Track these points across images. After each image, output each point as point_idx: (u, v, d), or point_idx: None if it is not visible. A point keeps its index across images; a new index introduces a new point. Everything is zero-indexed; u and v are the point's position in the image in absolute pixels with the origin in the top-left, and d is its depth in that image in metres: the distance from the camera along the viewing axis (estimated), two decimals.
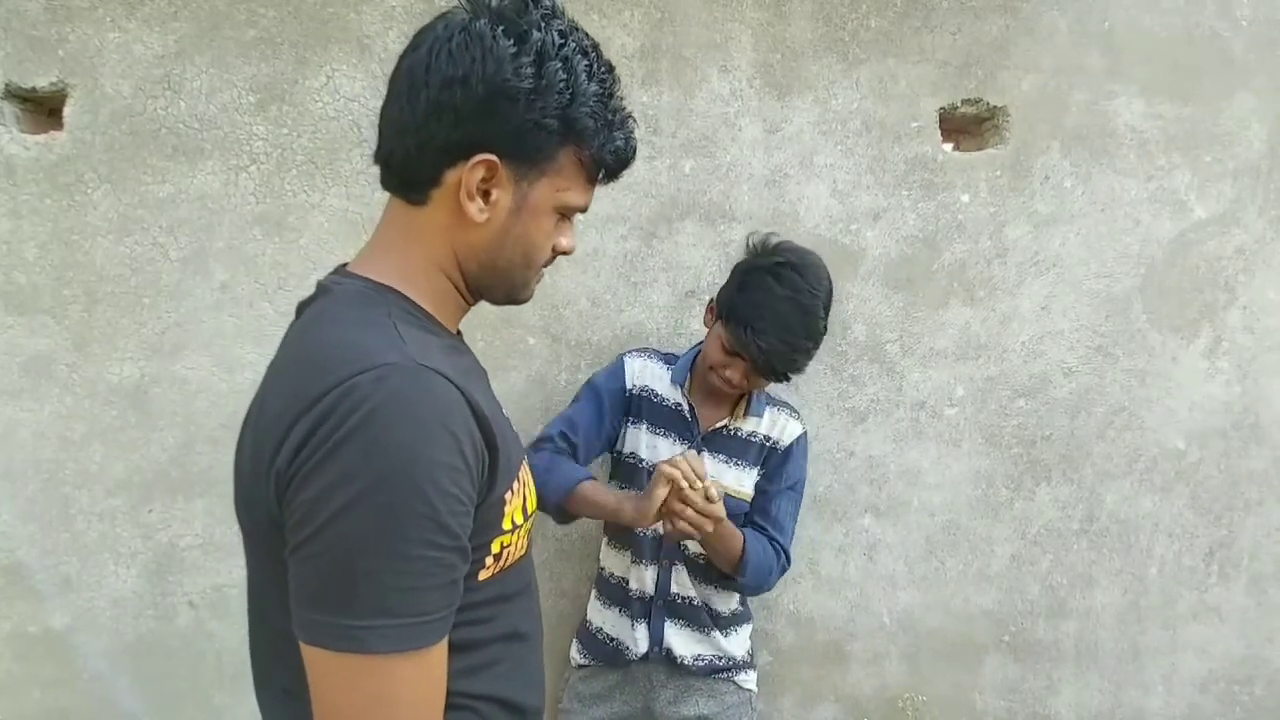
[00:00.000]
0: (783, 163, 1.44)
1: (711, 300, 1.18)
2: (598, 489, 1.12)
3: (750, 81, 1.43)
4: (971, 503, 1.49)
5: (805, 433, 1.25)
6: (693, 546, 1.19)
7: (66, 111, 1.33)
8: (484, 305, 1.45)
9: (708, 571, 1.20)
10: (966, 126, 1.54)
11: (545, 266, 0.69)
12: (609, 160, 0.64)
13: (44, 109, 1.38)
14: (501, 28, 0.58)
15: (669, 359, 1.27)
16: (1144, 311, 1.50)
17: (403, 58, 0.61)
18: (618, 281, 1.43)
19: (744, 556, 1.13)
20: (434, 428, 0.53)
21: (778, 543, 1.19)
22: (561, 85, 0.59)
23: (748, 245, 1.18)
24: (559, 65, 0.58)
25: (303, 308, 0.66)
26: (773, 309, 1.07)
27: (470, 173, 0.59)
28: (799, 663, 1.48)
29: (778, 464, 1.22)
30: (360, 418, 0.51)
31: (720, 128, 1.43)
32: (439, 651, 0.55)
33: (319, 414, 0.52)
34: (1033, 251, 1.48)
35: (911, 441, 1.48)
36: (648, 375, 1.24)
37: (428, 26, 0.61)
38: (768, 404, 1.26)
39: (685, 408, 1.21)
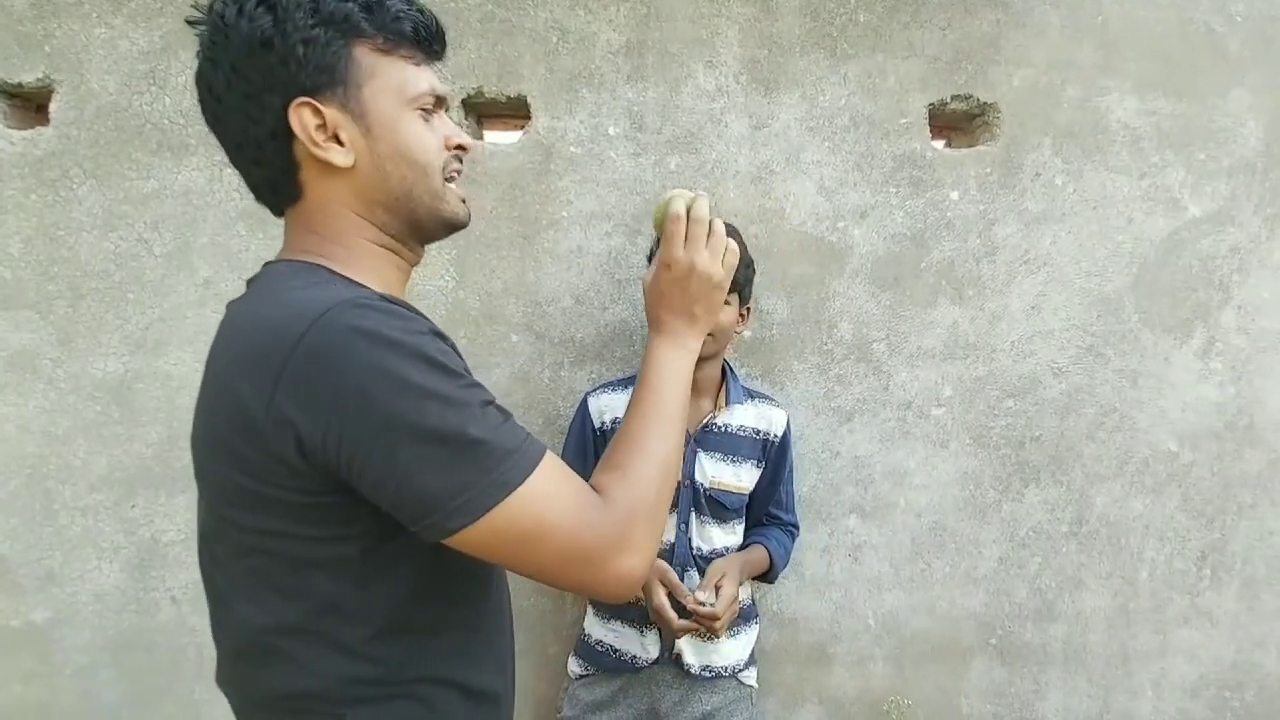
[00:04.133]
0: (769, 159, 1.50)
1: None
2: None
3: (737, 77, 1.49)
4: (959, 504, 1.55)
5: (788, 416, 1.39)
6: (705, 548, 1.29)
7: (52, 107, 1.40)
8: (466, 302, 1.51)
9: None
10: (956, 123, 1.60)
11: (454, 174, 0.70)
12: (403, 29, 0.65)
13: (30, 104, 1.45)
14: (220, 17, 0.63)
15: (632, 380, 1.35)
16: (1136, 311, 1.56)
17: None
18: (602, 278, 1.50)
19: (772, 567, 1.33)
20: (414, 321, 0.59)
21: (790, 525, 1.40)
22: (295, 2, 0.61)
23: None
24: None
25: (235, 304, 0.68)
26: None
27: (300, 125, 0.62)
28: (782, 664, 1.54)
29: (778, 456, 1.36)
30: (348, 334, 0.55)
31: (706, 124, 1.49)
32: (553, 457, 0.63)
33: (307, 351, 0.55)
34: (1023, 250, 1.54)
35: (898, 442, 1.54)
36: (616, 407, 1.33)
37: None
38: (747, 395, 1.36)
39: None
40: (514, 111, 1.51)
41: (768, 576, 1.34)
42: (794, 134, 1.50)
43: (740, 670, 1.34)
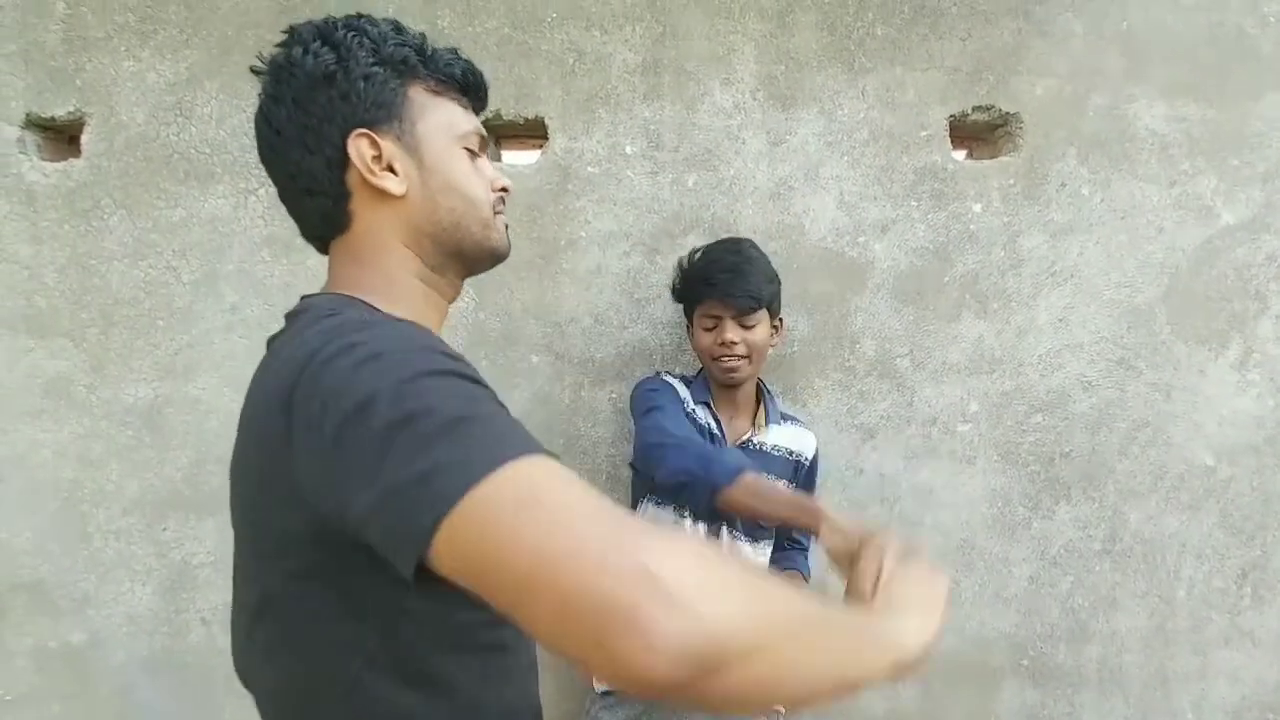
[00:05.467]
0: (787, 175, 1.51)
1: (688, 324, 1.37)
2: (764, 481, 1.06)
3: (754, 94, 1.50)
4: (987, 522, 1.54)
5: (817, 439, 1.41)
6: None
7: (84, 139, 1.45)
8: (486, 324, 1.53)
9: None
10: (978, 134, 1.60)
11: (498, 211, 0.75)
12: (454, 73, 0.71)
13: (63, 137, 1.51)
14: (285, 57, 0.68)
15: (684, 379, 1.38)
16: (1168, 322, 1.54)
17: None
18: (621, 298, 1.52)
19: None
20: (424, 338, 0.56)
21: (808, 549, 1.40)
22: (357, 42, 0.67)
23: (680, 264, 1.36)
24: (345, 34, 0.67)
25: (274, 340, 0.67)
26: (713, 259, 1.28)
27: (358, 154, 0.67)
28: None
29: (807, 479, 1.39)
30: (359, 340, 0.53)
31: (724, 141, 1.50)
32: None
33: (309, 379, 0.52)
34: (1049, 261, 1.53)
35: (923, 459, 1.54)
36: (681, 393, 1.35)
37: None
38: (781, 416, 1.39)
39: (713, 423, 1.32)
40: (531, 133, 1.54)
41: None
42: (812, 149, 1.51)
43: None
